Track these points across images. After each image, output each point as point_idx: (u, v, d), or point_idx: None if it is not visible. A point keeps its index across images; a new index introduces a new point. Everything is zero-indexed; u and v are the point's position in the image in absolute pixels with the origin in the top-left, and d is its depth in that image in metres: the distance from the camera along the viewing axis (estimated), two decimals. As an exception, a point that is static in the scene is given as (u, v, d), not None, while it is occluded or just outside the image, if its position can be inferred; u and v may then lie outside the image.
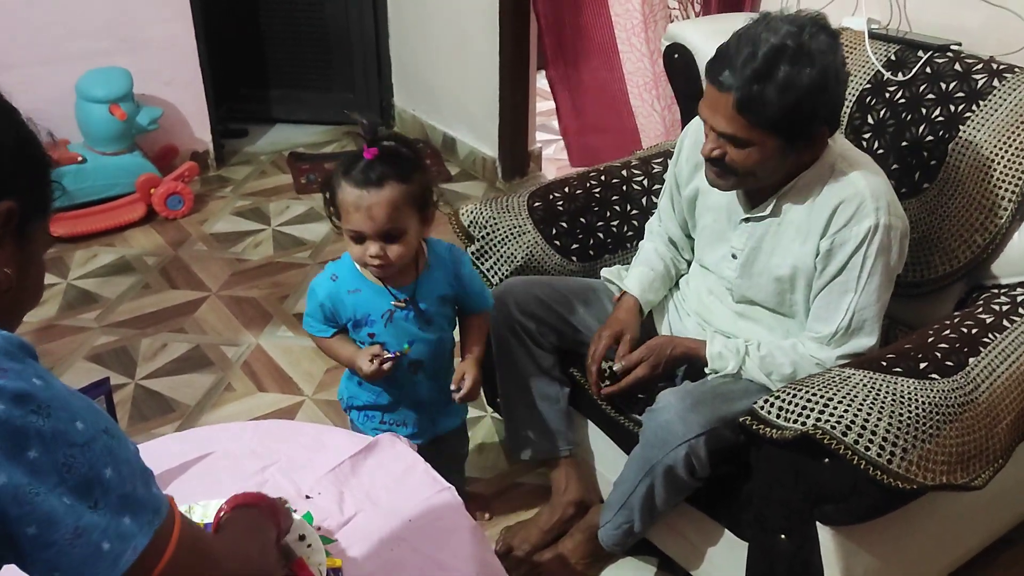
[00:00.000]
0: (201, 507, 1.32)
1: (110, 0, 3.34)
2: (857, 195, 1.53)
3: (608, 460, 1.92)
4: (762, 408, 1.45)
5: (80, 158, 3.22)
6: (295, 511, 1.30)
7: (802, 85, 1.42)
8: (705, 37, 2.08)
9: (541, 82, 3.71)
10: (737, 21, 1.60)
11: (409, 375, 1.65)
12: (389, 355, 1.57)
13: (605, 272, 1.93)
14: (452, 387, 1.63)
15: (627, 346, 1.74)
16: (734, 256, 1.71)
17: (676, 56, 2.19)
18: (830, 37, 1.46)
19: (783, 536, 1.53)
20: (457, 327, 1.73)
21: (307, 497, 1.37)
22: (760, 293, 1.71)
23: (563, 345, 1.90)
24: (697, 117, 1.64)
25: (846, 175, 1.55)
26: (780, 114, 1.44)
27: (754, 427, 1.45)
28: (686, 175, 1.80)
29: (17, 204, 0.79)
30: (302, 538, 1.24)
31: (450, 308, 1.67)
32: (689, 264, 1.93)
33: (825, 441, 1.36)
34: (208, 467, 1.44)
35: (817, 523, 1.49)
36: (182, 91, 3.60)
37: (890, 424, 1.36)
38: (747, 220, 1.67)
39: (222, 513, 1.11)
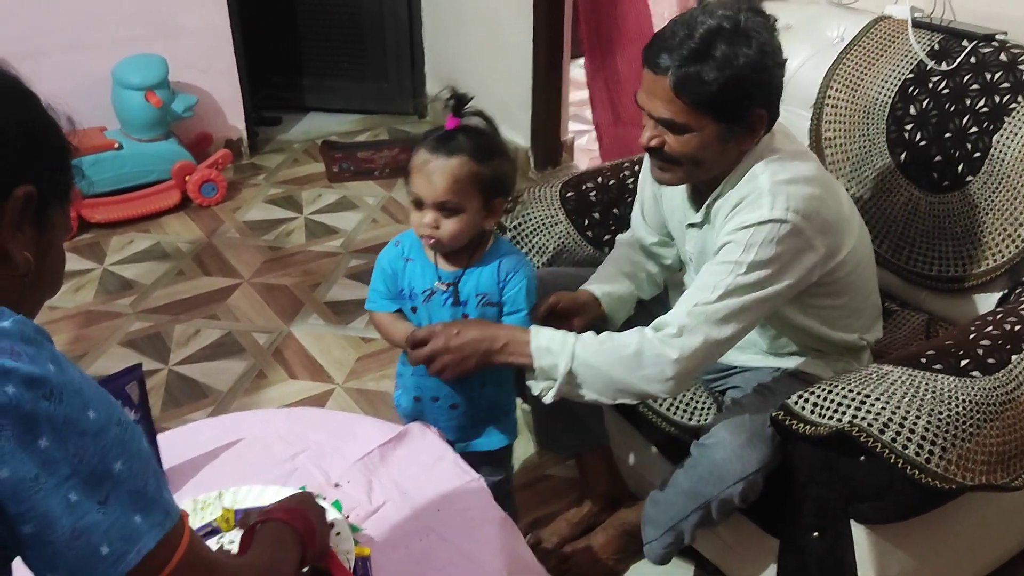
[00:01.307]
0: (231, 493, 1.32)
1: (146, -12, 3.38)
2: (755, 190, 1.46)
3: (639, 455, 1.90)
4: (796, 404, 1.43)
5: (116, 144, 3.25)
6: (324, 498, 1.30)
7: (739, 63, 1.38)
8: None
9: (575, 72, 3.68)
10: (775, 8, 1.57)
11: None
12: None
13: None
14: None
15: (547, 305, 1.65)
16: (691, 260, 1.66)
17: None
18: (765, 19, 1.43)
19: (816, 534, 1.50)
20: None
21: (336, 485, 1.38)
22: None
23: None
24: None
25: (755, 172, 1.48)
26: (718, 93, 1.39)
27: (787, 422, 1.42)
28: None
29: (36, 189, 0.79)
30: (331, 526, 1.24)
31: (495, 316, 1.57)
32: (665, 268, 1.85)
33: (862, 439, 1.34)
34: (239, 453, 1.45)
35: (851, 521, 1.46)
36: (217, 79, 3.63)
37: (929, 422, 1.33)
38: (692, 226, 1.62)
39: (257, 524, 1.06)
